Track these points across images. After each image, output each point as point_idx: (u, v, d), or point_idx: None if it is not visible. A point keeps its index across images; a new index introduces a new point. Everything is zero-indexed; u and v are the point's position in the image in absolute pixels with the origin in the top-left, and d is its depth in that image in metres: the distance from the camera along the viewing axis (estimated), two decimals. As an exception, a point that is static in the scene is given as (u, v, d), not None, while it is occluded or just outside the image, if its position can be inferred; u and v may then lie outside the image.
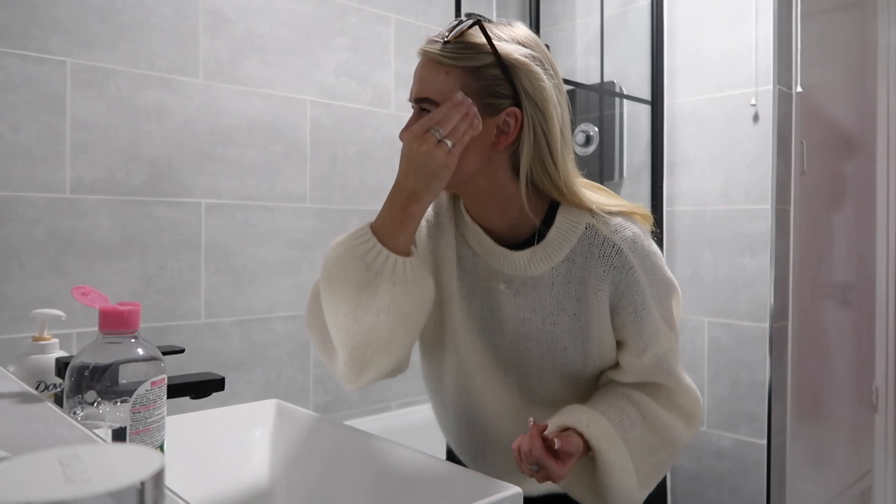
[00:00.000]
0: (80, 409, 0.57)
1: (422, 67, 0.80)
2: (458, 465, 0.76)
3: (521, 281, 0.84)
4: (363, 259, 0.74)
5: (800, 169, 1.98)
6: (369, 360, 0.76)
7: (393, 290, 0.74)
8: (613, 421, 0.82)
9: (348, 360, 0.77)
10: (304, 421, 0.95)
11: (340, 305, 0.75)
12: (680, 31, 2.01)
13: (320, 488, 0.86)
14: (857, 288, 2.48)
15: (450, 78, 0.77)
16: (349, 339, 0.75)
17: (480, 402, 0.91)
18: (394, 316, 0.74)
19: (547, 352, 0.86)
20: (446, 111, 0.74)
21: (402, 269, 0.74)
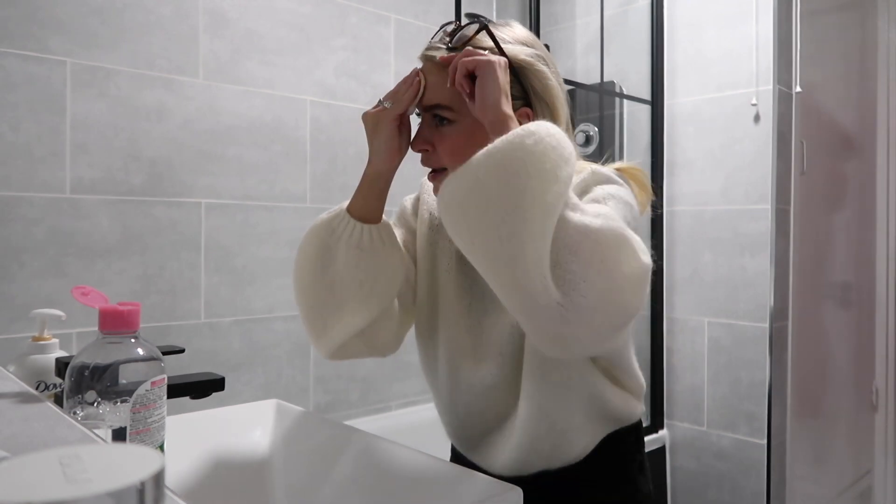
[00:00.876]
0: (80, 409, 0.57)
1: (427, 74, 0.79)
2: (458, 466, 0.76)
3: None
4: (329, 224, 0.80)
5: (800, 169, 1.98)
6: (324, 322, 0.79)
7: (348, 253, 0.77)
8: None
9: (305, 319, 0.81)
10: (304, 421, 0.95)
11: (304, 267, 0.79)
12: (680, 31, 2.01)
13: (320, 488, 0.86)
14: (857, 288, 2.48)
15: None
16: (306, 299, 0.79)
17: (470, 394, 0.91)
18: (348, 279, 0.77)
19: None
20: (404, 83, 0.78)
21: (360, 234, 0.77)
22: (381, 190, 0.82)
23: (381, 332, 0.83)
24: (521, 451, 0.87)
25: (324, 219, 0.81)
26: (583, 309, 0.63)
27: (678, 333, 2.04)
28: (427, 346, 0.94)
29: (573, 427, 0.87)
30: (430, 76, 0.79)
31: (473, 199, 0.63)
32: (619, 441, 0.91)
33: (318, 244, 0.79)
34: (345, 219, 0.79)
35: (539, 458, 0.88)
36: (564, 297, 0.62)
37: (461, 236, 0.65)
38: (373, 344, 0.84)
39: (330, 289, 0.78)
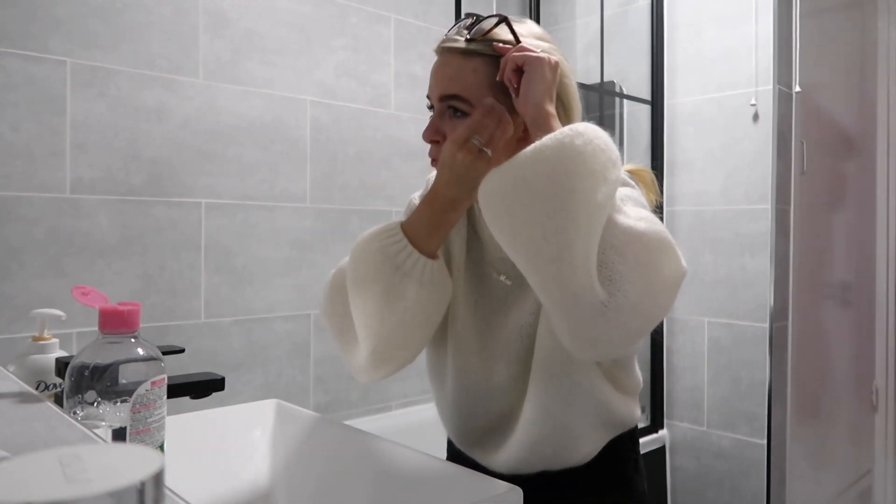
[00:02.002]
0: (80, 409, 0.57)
1: (444, 65, 0.78)
2: (458, 465, 0.76)
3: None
4: (393, 260, 0.74)
5: (800, 169, 1.98)
6: (391, 357, 0.79)
7: (420, 292, 0.75)
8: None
9: (370, 355, 0.79)
10: (304, 421, 0.95)
11: (368, 302, 0.75)
12: (680, 31, 2.01)
13: (320, 488, 0.86)
14: (857, 288, 2.48)
15: (477, 75, 0.76)
16: (373, 337, 0.77)
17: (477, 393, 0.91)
18: (419, 317, 0.76)
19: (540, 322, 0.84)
20: (481, 118, 0.72)
21: (430, 273, 0.75)
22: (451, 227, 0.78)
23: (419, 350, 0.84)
24: (522, 451, 0.87)
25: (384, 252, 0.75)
26: (624, 309, 0.64)
27: (678, 333, 2.04)
28: (435, 345, 0.94)
29: (578, 432, 0.87)
30: (447, 67, 0.78)
31: (519, 195, 0.63)
32: (616, 441, 0.91)
33: (383, 280, 0.74)
34: (412, 255, 0.74)
35: (540, 459, 0.88)
36: (609, 296, 0.63)
37: (502, 231, 0.65)
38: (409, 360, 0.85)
39: (401, 324, 0.75)
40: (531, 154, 0.63)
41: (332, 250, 1.95)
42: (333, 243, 1.95)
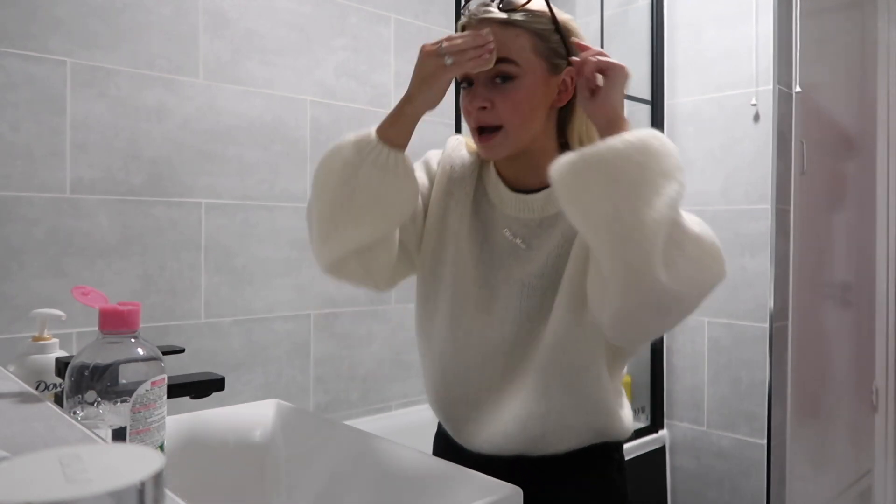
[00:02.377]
0: (80, 409, 0.57)
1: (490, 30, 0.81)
2: (458, 466, 0.76)
3: (536, 223, 0.88)
4: (356, 144, 0.80)
5: (800, 169, 1.98)
6: (336, 227, 0.82)
7: (372, 171, 0.80)
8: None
9: (318, 222, 0.83)
10: (304, 421, 0.95)
11: (328, 178, 0.82)
12: (680, 31, 2.01)
13: (320, 488, 0.86)
14: (857, 288, 2.48)
15: (519, 40, 0.82)
16: (324, 206, 0.82)
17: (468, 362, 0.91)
18: (367, 193, 0.80)
19: (549, 288, 0.87)
20: (466, 38, 0.77)
21: (385, 157, 0.80)
22: (413, 126, 0.83)
23: (380, 258, 0.86)
24: (512, 425, 0.87)
25: (349, 139, 0.82)
26: (675, 301, 0.72)
27: (678, 333, 2.04)
28: (428, 297, 0.94)
29: (570, 422, 0.88)
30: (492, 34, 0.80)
31: (604, 179, 0.69)
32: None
33: (342, 159, 0.81)
34: (373, 141, 0.80)
35: (526, 439, 0.88)
36: (669, 281, 0.69)
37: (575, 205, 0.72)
38: (369, 268, 0.87)
39: (349, 198, 0.80)
40: (622, 146, 0.70)
41: (332, 250, 1.95)
42: (333, 243, 1.95)
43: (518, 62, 0.82)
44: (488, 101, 0.83)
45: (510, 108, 0.83)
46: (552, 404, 0.86)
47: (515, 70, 0.82)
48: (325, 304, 1.93)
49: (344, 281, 0.91)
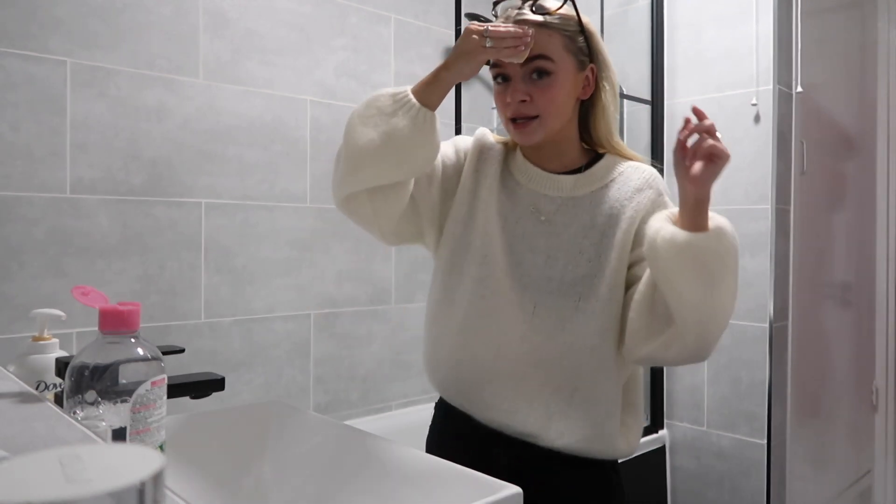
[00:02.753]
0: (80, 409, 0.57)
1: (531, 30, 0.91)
2: (458, 466, 0.76)
3: (562, 202, 0.98)
4: (393, 95, 0.90)
5: (800, 169, 1.98)
6: (357, 166, 0.91)
7: (403, 120, 0.89)
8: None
9: (344, 160, 0.92)
10: (304, 421, 0.95)
11: (361, 120, 0.90)
12: (680, 31, 2.01)
13: (320, 488, 0.86)
14: (857, 288, 2.48)
15: (553, 39, 0.93)
16: (352, 145, 0.90)
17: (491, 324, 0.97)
18: (393, 140, 0.88)
19: (570, 264, 0.95)
20: (509, 28, 0.88)
21: (416, 111, 0.89)
22: (445, 91, 0.93)
23: (390, 202, 0.94)
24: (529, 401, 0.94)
25: (386, 91, 0.91)
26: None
27: (678, 333, 2.03)
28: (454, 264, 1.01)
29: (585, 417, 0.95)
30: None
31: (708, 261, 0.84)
32: None
33: (377, 107, 0.90)
34: (408, 96, 0.90)
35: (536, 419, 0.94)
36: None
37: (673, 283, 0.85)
38: (378, 209, 0.95)
39: (377, 139, 0.89)
40: (717, 246, 0.85)
41: (332, 250, 1.95)
42: (333, 243, 1.95)
43: (553, 59, 0.92)
44: (528, 95, 0.93)
45: (547, 101, 0.93)
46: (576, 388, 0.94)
47: (551, 66, 0.92)
48: (325, 304, 1.93)
49: (353, 218, 0.99)
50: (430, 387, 2.19)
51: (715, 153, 0.83)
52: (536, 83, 0.93)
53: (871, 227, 2.53)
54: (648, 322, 0.91)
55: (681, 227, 0.85)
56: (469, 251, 0.99)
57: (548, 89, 0.93)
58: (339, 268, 1.97)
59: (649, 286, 0.91)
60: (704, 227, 0.85)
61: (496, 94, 0.98)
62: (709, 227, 0.85)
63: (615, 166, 1.01)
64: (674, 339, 0.88)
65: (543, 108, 0.93)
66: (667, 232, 0.84)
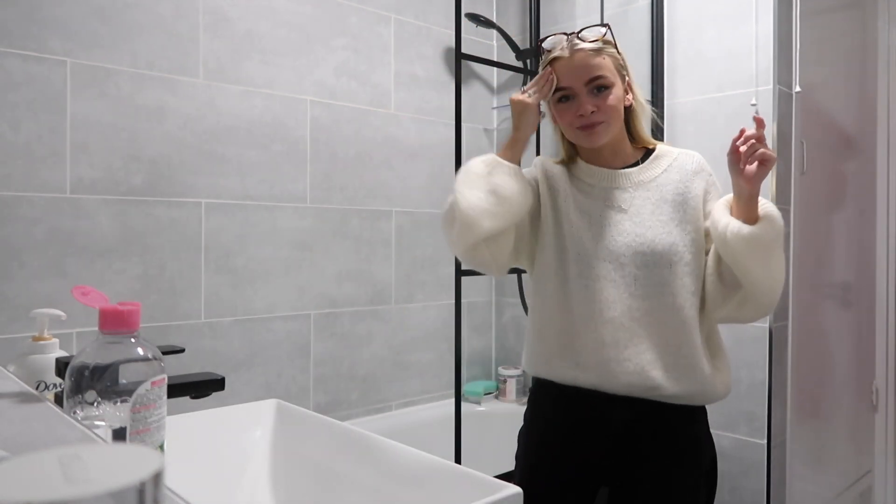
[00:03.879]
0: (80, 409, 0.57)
1: (586, 57, 1.14)
2: (458, 466, 0.76)
3: (633, 189, 1.18)
4: (485, 162, 1.14)
5: (800, 169, 1.98)
6: (475, 220, 1.10)
7: (503, 176, 1.12)
8: None
9: (461, 216, 1.10)
10: (304, 421, 0.95)
11: (467, 185, 1.12)
12: (680, 31, 2.01)
13: (320, 488, 0.86)
14: (857, 288, 2.47)
15: (606, 61, 1.15)
16: (467, 203, 1.10)
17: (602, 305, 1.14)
18: (505, 189, 1.11)
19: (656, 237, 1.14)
20: (537, 81, 1.16)
21: (508, 169, 1.13)
22: (524, 149, 1.18)
23: (503, 245, 1.16)
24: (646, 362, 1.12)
25: (477, 160, 1.14)
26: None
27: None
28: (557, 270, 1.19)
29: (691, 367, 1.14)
30: (589, 59, 1.14)
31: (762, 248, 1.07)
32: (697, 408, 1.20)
33: (475, 172, 1.12)
34: (497, 159, 1.14)
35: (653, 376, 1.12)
36: None
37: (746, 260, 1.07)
38: (495, 253, 1.15)
39: (492, 193, 1.11)
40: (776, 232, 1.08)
41: (332, 250, 1.95)
42: (333, 243, 1.95)
43: (609, 76, 1.15)
44: (594, 106, 1.14)
45: (610, 108, 1.15)
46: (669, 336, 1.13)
47: (609, 81, 1.15)
48: (325, 304, 1.93)
49: (475, 266, 1.19)
50: (429, 387, 2.19)
51: (766, 158, 1.04)
52: (598, 96, 1.15)
53: (871, 227, 2.53)
54: (720, 289, 1.14)
55: (737, 216, 1.07)
56: (567, 256, 1.18)
57: (609, 99, 1.15)
58: (339, 268, 1.97)
59: (716, 262, 1.14)
60: (757, 215, 1.07)
61: (561, 112, 1.18)
62: (760, 214, 1.07)
63: (667, 154, 1.23)
64: (746, 301, 1.12)
65: (608, 114, 1.15)
66: (734, 226, 1.06)
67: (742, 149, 1.05)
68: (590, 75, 1.14)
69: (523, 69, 2.23)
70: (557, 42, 1.17)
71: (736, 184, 1.08)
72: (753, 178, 1.05)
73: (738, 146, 1.06)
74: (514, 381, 2.31)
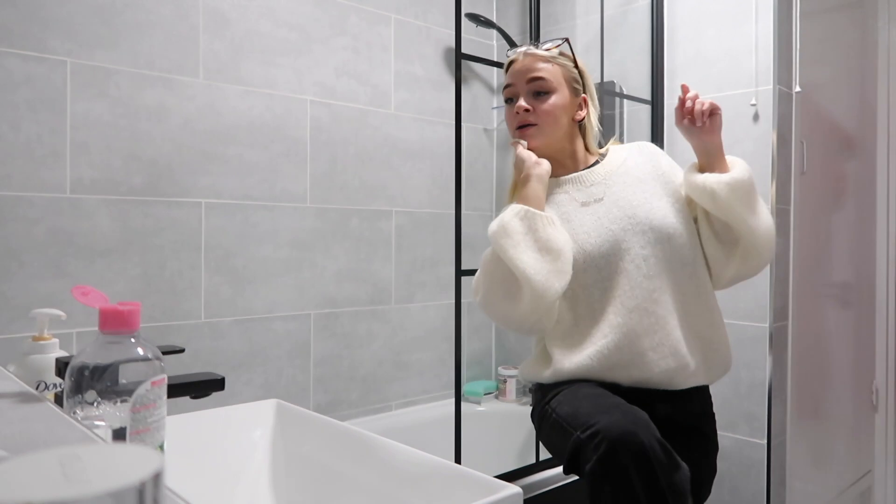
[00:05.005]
0: (80, 409, 0.57)
1: (533, 60, 1.20)
2: (458, 466, 0.76)
3: (603, 179, 1.22)
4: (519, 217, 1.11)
5: (800, 169, 1.98)
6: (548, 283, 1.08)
7: (544, 231, 1.11)
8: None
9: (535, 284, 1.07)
10: (304, 421, 0.95)
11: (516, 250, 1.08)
12: (680, 31, 2.01)
13: (320, 488, 0.86)
14: (857, 288, 2.47)
15: (552, 69, 1.20)
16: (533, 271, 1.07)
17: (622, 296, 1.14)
18: (551, 251, 1.09)
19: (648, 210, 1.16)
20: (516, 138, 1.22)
21: (545, 219, 1.12)
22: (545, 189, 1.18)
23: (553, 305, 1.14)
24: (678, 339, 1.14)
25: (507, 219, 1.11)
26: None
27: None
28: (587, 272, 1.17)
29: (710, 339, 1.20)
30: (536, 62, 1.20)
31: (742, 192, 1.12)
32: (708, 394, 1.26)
33: (518, 229, 1.10)
34: (530, 211, 1.12)
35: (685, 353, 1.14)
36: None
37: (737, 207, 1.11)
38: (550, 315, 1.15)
39: (546, 251, 1.09)
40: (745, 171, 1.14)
41: (332, 250, 1.95)
42: (333, 243, 1.95)
43: (550, 81, 1.19)
44: (531, 106, 1.19)
45: (544, 112, 1.19)
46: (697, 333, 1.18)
47: (549, 86, 1.19)
48: (325, 304, 1.93)
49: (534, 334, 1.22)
50: (429, 387, 2.19)
51: (713, 108, 1.12)
52: (536, 99, 1.20)
53: (871, 227, 2.53)
54: (720, 248, 1.17)
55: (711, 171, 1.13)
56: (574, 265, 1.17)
57: (547, 105, 1.19)
58: (339, 268, 1.97)
59: (708, 224, 1.17)
60: (727, 167, 1.13)
61: (506, 113, 1.23)
62: (729, 162, 1.14)
63: (621, 148, 1.28)
64: (748, 253, 1.16)
65: (541, 118, 1.19)
66: (713, 178, 1.11)
67: (698, 107, 1.12)
68: (530, 75, 1.19)
69: (523, 69, 2.23)
70: (518, 50, 1.24)
71: (699, 143, 1.14)
72: (713, 129, 1.12)
73: (690, 105, 1.13)
74: (514, 381, 2.31)
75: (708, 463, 1.22)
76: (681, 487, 0.95)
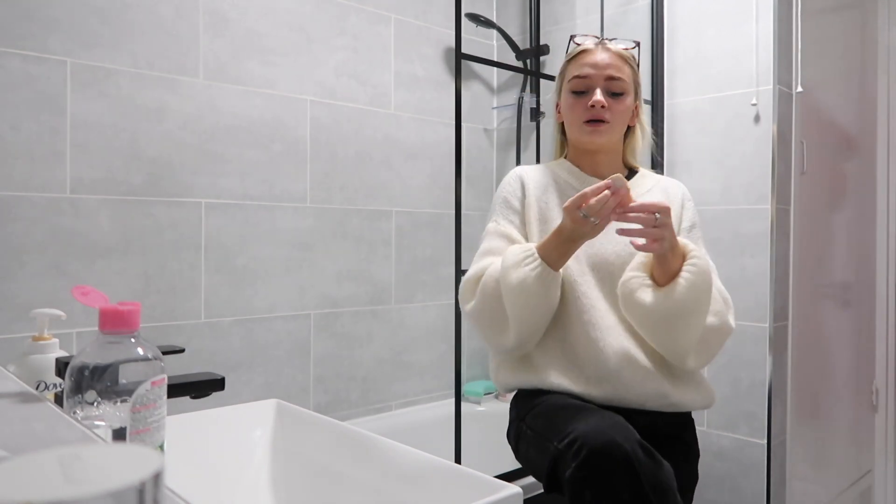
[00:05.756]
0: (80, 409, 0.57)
1: (613, 56, 1.20)
2: (458, 466, 0.76)
3: None
4: (542, 280, 1.09)
5: (800, 169, 1.98)
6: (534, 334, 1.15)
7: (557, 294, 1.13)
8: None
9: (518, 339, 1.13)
10: (304, 421, 0.95)
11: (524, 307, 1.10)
12: (680, 31, 2.01)
13: (320, 488, 0.86)
14: (857, 288, 2.47)
15: (626, 71, 1.21)
16: (524, 325, 1.12)
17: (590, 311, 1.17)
18: (551, 309, 1.13)
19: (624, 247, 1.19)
20: (605, 199, 1.01)
21: (559, 280, 1.12)
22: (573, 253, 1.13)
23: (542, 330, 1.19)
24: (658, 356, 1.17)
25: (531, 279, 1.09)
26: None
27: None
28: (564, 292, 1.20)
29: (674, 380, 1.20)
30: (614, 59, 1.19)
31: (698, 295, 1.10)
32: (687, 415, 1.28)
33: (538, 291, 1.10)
34: (552, 274, 1.10)
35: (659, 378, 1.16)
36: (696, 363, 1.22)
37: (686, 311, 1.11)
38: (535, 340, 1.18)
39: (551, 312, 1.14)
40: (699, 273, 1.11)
41: (332, 250, 1.95)
42: (333, 243, 1.95)
43: (626, 84, 1.20)
44: (606, 103, 1.18)
45: (619, 112, 1.20)
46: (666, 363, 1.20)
47: (625, 88, 1.20)
48: (325, 304, 1.93)
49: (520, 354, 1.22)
50: (429, 387, 2.19)
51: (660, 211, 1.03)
52: (613, 97, 1.20)
53: (871, 227, 2.53)
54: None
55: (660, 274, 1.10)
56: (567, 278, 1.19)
57: (620, 105, 1.20)
58: (339, 268, 1.97)
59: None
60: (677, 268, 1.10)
61: (572, 104, 1.20)
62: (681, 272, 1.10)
63: (650, 177, 1.29)
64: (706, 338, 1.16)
65: (615, 117, 1.20)
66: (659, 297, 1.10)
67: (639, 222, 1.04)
68: (611, 73, 1.19)
69: (523, 69, 2.23)
70: (585, 40, 1.23)
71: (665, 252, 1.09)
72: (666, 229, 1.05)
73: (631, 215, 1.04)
74: (514, 381, 2.31)
75: (690, 470, 1.22)
76: (666, 485, 0.94)
